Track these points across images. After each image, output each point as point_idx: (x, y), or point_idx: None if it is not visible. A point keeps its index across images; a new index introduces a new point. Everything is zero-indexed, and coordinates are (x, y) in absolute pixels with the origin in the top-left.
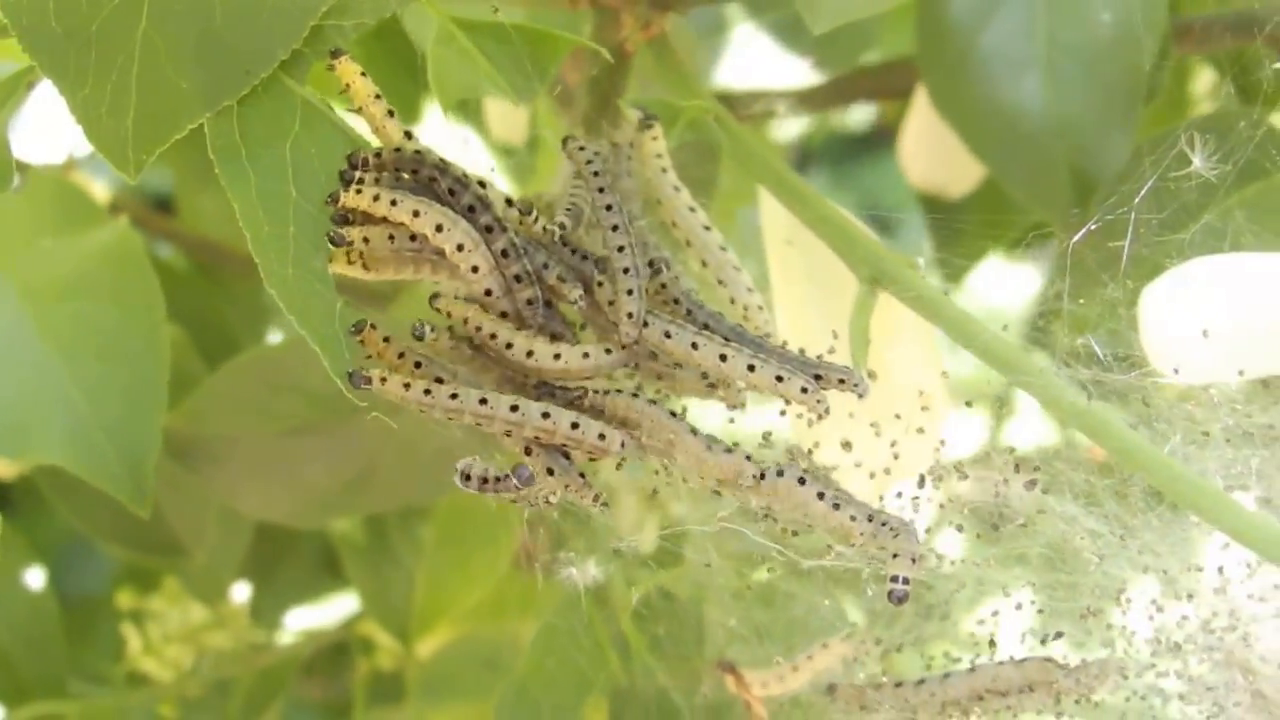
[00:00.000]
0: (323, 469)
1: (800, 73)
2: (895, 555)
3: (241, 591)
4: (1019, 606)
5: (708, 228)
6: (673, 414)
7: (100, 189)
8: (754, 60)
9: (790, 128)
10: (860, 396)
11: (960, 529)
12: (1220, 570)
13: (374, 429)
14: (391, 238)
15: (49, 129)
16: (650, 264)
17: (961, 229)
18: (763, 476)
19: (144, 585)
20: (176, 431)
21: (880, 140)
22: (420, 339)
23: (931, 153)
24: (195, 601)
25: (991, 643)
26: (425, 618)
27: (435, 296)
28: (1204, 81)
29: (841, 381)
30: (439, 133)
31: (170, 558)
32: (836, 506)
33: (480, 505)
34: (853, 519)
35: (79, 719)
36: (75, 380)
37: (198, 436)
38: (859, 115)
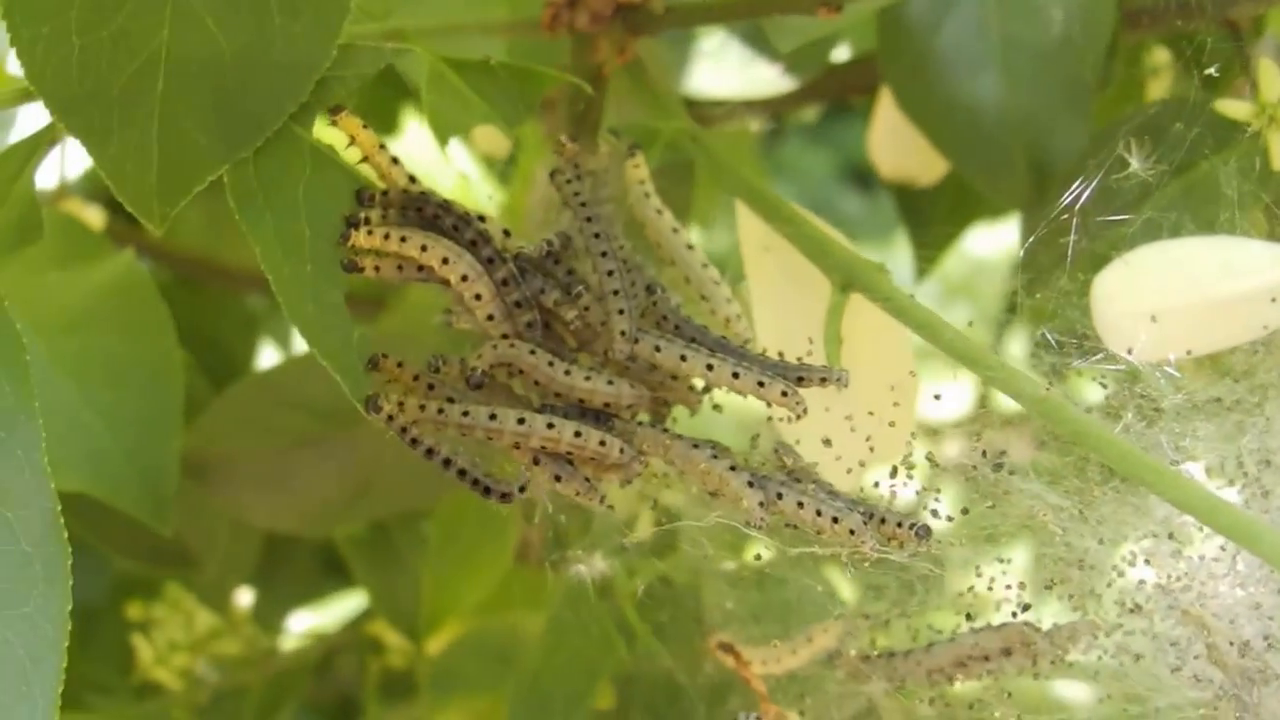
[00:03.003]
0: (327, 479)
1: (770, 77)
2: (899, 542)
3: (245, 596)
4: (992, 580)
5: (690, 247)
6: (695, 444)
7: (93, 212)
8: (724, 67)
9: None
10: (843, 388)
11: (935, 514)
12: (1171, 535)
13: (374, 439)
14: (400, 268)
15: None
16: (645, 287)
17: (933, 213)
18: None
19: (145, 593)
20: (187, 449)
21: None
22: (436, 370)
23: (899, 145)
24: (200, 608)
25: (969, 616)
26: (433, 615)
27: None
28: (1158, 63)
29: (824, 380)
30: (421, 141)
31: (182, 570)
32: (835, 520)
33: (479, 502)
34: (851, 532)
35: None
36: (92, 408)
37: (207, 454)
38: None
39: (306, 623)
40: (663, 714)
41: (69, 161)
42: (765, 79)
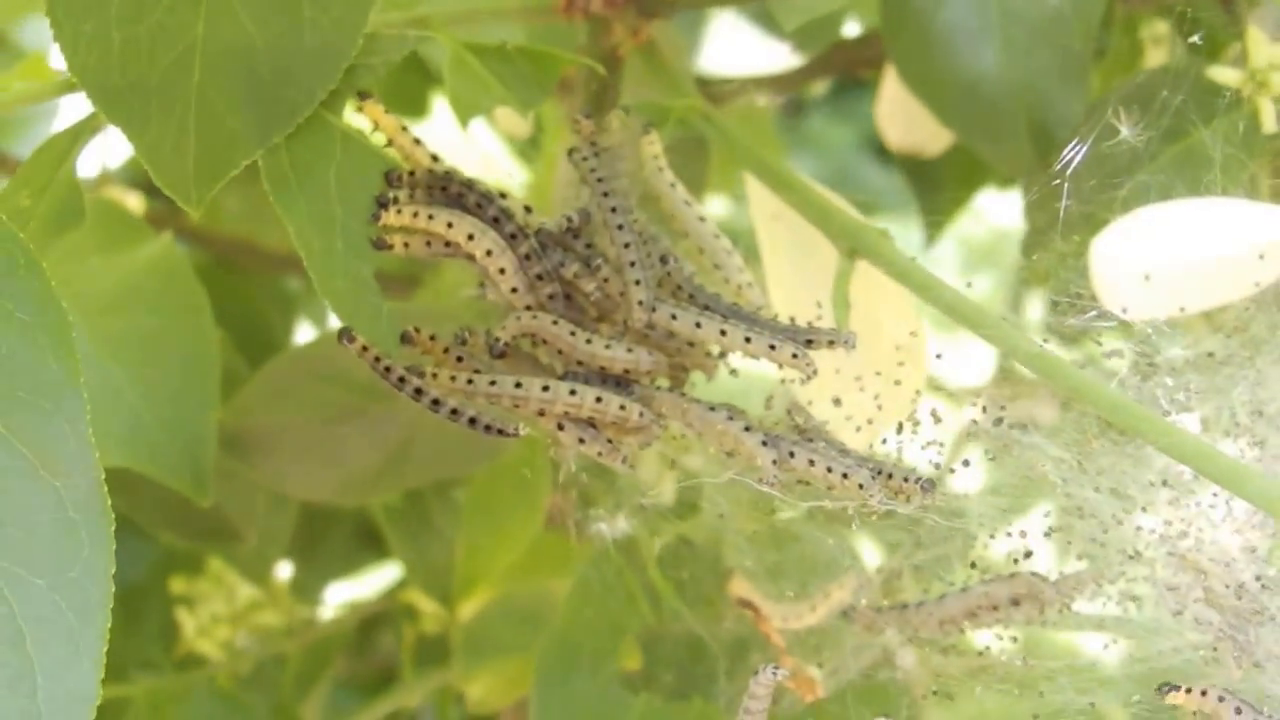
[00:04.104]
0: (363, 451)
1: (780, 54)
2: (906, 496)
3: (284, 570)
4: (994, 530)
5: (702, 219)
6: (711, 407)
7: (133, 198)
8: (736, 45)
9: None
10: (850, 349)
11: (938, 466)
12: (1167, 484)
13: (409, 412)
14: (428, 244)
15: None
16: (660, 258)
17: (941, 182)
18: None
19: (188, 570)
20: (226, 424)
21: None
22: (463, 343)
23: (906, 116)
24: (240, 583)
25: (974, 564)
26: (466, 581)
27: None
28: (1157, 34)
29: (831, 342)
30: (448, 125)
31: (223, 543)
32: (845, 476)
33: (513, 470)
34: (860, 486)
35: (145, 700)
36: (133, 386)
37: (246, 428)
38: None
39: (343, 596)
40: (688, 670)
41: (110, 150)
42: (775, 56)
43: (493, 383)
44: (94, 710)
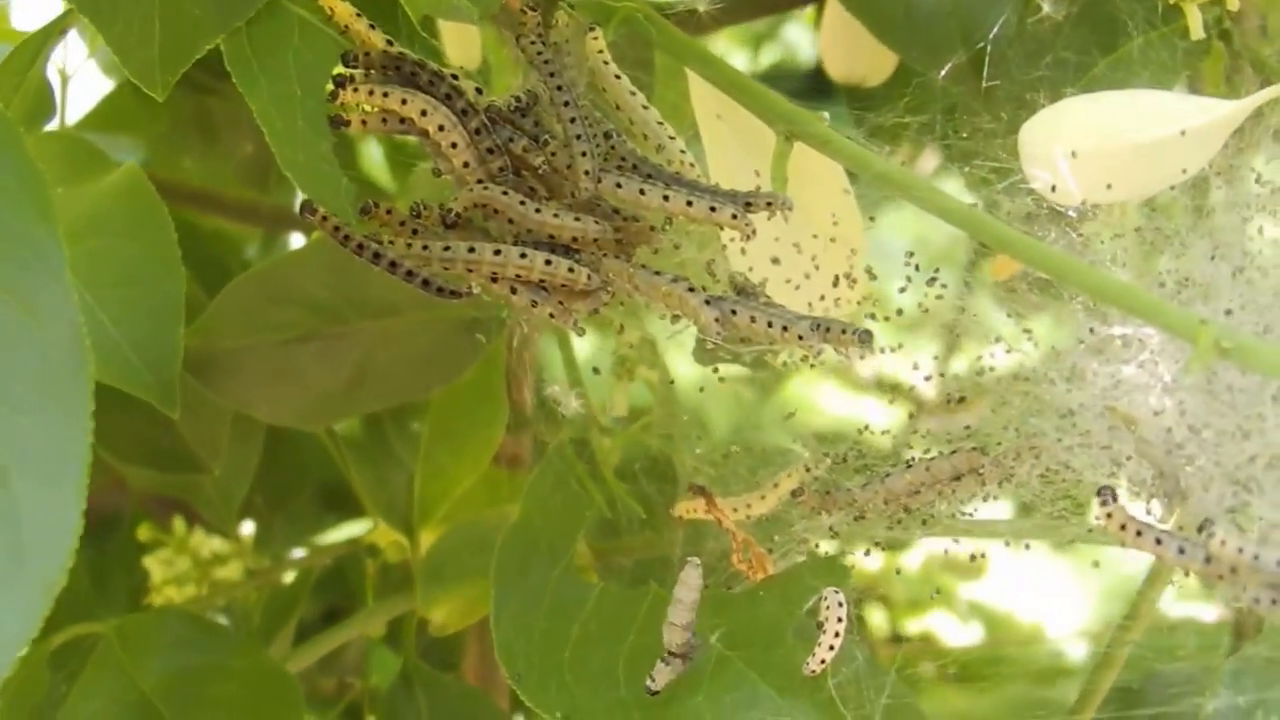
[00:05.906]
0: (324, 372)
1: None
2: (844, 346)
3: (246, 527)
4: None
5: (646, 107)
6: (656, 272)
7: None
8: None
9: None
10: (788, 211)
11: (873, 317)
12: (1093, 331)
13: (368, 334)
14: (384, 121)
15: None
16: (604, 134)
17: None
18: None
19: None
20: (190, 349)
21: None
22: (418, 215)
23: (847, 49)
24: (205, 540)
25: (911, 414)
26: (426, 503)
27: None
28: None
29: (769, 204)
30: None
31: (189, 474)
32: (785, 329)
33: (469, 398)
34: (800, 337)
35: (115, 635)
36: (101, 307)
37: (210, 351)
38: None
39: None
40: (644, 558)
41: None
42: None
43: (447, 248)
44: (76, 541)
